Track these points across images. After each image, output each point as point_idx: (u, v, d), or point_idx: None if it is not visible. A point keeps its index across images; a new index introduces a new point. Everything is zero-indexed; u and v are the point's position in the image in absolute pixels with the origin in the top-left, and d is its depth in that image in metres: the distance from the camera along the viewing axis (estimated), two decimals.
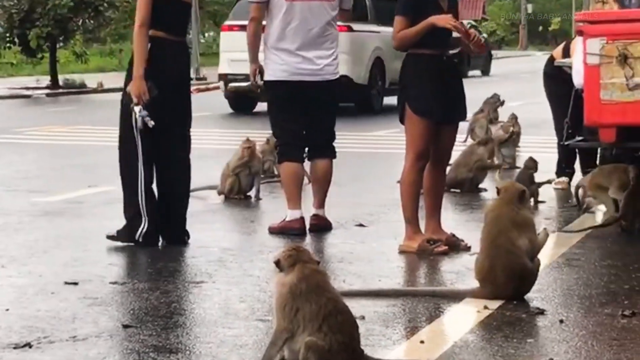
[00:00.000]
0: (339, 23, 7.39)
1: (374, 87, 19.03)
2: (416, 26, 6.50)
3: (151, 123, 6.64)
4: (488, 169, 9.45)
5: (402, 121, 6.70)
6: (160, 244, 6.78)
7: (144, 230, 6.69)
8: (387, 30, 9.52)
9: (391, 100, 17.10)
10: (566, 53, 9.32)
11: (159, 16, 6.69)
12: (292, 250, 4.10)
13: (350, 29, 17.22)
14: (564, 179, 9.54)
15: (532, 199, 7.98)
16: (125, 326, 4.79)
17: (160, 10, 6.68)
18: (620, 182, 7.59)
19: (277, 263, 4.07)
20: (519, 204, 5.37)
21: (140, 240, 6.69)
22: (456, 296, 5.38)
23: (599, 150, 9.07)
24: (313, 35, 7.27)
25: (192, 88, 8.48)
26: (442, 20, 6.46)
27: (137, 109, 6.62)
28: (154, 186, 6.81)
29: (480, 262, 5.37)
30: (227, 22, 19.34)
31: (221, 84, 19.08)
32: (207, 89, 8.05)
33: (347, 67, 16.92)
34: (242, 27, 7.50)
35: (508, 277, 5.25)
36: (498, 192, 5.49)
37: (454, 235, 6.70)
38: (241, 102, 18.87)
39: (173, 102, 6.78)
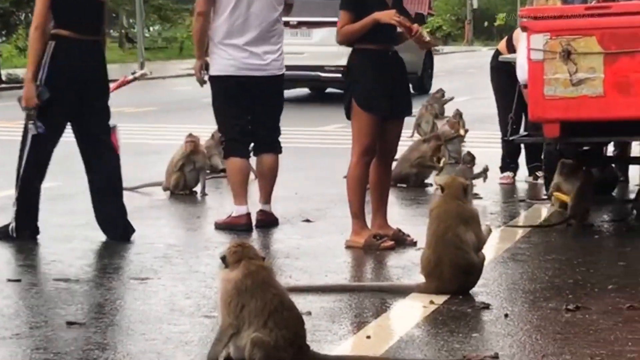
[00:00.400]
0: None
1: None
2: (360, 21, 6.50)
3: (41, 129, 6.55)
4: (429, 168, 9.37)
5: (348, 116, 6.70)
6: (105, 239, 6.74)
7: (14, 225, 6.68)
8: None
9: None
10: (510, 45, 9.37)
11: (63, 14, 6.56)
12: (237, 246, 4.08)
13: None
14: (509, 173, 9.59)
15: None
16: (70, 323, 4.74)
17: (64, 8, 6.55)
18: (555, 181, 7.66)
19: (223, 259, 4.05)
20: (463, 198, 5.40)
21: (14, 235, 6.69)
22: (402, 291, 5.39)
23: (544, 146, 9.15)
24: (261, 30, 7.24)
25: (127, 78, 8.36)
26: (386, 15, 6.47)
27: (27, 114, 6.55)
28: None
29: (426, 257, 5.39)
30: None
31: None
32: (135, 79, 8.04)
33: None
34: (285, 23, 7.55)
35: (454, 272, 5.28)
36: (442, 189, 5.50)
37: (400, 231, 6.72)
38: None
39: (88, 101, 6.67)
